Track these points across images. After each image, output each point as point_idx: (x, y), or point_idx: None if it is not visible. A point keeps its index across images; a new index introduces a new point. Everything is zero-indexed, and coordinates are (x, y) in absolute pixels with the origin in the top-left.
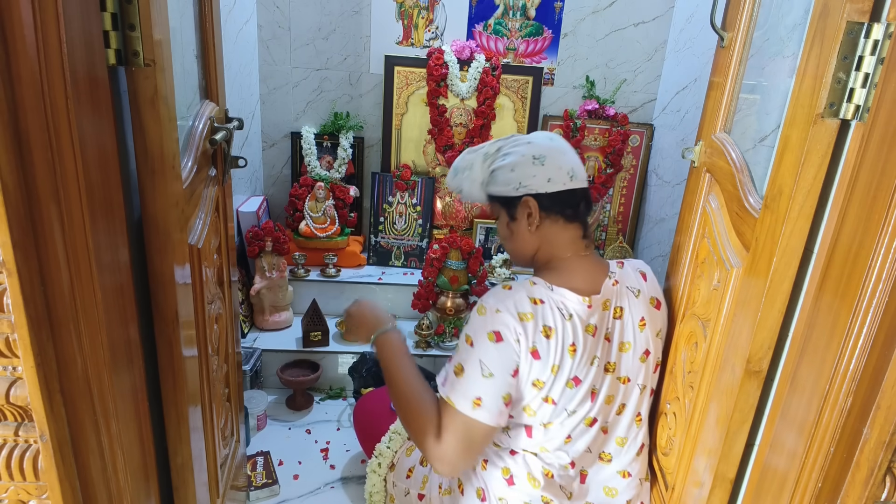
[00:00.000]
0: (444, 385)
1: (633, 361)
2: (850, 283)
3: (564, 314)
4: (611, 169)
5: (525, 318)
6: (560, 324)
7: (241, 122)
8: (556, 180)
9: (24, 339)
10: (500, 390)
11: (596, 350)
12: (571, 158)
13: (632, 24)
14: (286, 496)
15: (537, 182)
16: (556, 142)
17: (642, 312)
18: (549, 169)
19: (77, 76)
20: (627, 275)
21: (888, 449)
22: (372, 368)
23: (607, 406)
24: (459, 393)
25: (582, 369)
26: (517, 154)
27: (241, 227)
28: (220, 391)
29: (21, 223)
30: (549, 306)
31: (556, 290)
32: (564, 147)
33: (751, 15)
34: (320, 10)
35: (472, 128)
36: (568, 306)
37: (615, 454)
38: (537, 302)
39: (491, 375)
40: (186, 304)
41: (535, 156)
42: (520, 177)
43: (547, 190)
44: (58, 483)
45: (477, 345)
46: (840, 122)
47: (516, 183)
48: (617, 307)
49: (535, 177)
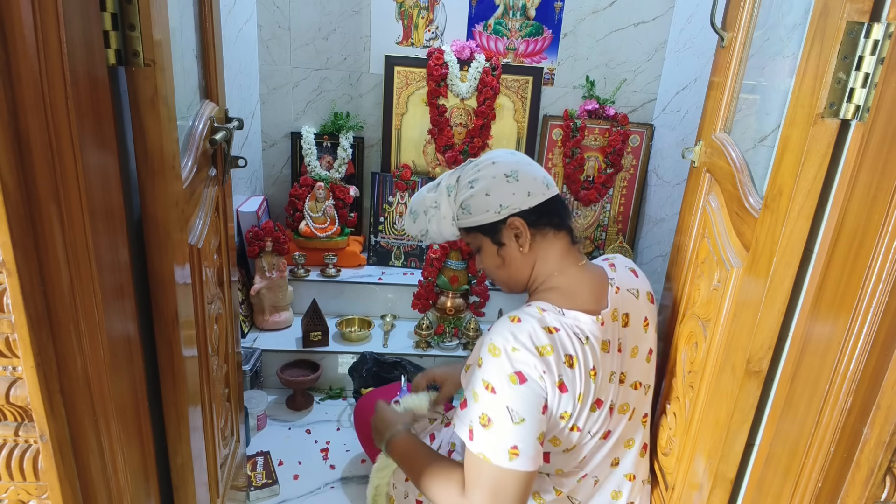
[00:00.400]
0: (473, 440)
1: (641, 364)
2: (851, 283)
3: (581, 338)
4: (611, 169)
5: (545, 352)
6: (579, 350)
7: (241, 122)
8: (536, 192)
9: (24, 339)
10: (534, 433)
11: (612, 365)
12: (538, 168)
13: (632, 24)
14: (286, 496)
15: (518, 199)
16: (516, 156)
17: (644, 313)
18: (524, 183)
19: (77, 76)
20: (623, 277)
21: (888, 449)
22: (372, 368)
23: (621, 416)
24: (493, 446)
25: (603, 390)
26: (486, 177)
27: (241, 227)
28: (220, 391)
29: (21, 223)
30: (564, 333)
31: (567, 313)
32: (527, 159)
33: (751, 15)
34: (320, 10)
35: (472, 128)
36: (583, 329)
37: (622, 457)
38: (552, 331)
39: (522, 421)
40: (186, 304)
41: (507, 174)
42: (499, 199)
43: (530, 204)
44: (58, 483)
45: (500, 391)
46: (840, 122)
47: (496, 206)
48: (623, 315)
49: (515, 194)
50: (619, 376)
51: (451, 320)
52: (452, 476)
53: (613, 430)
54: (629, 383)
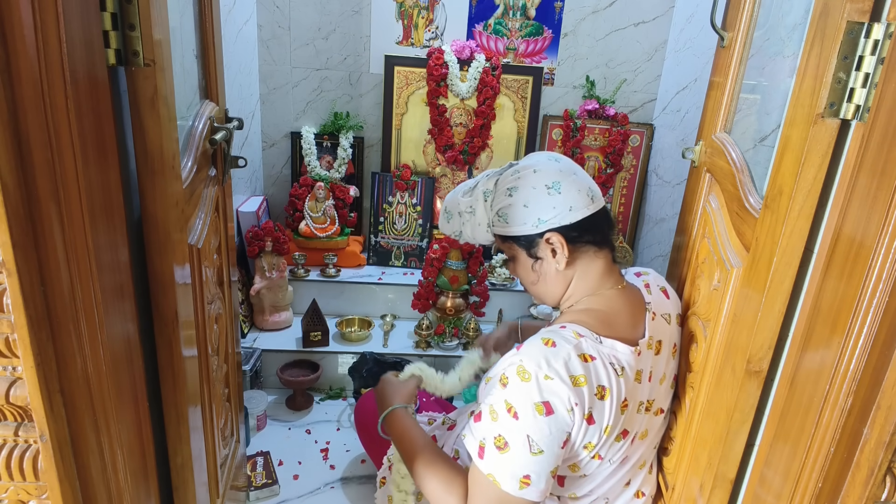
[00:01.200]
0: (484, 459)
1: (665, 390)
2: (851, 283)
3: (617, 369)
4: (611, 169)
5: (579, 383)
6: (614, 381)
7: (241, 122)
8: (578, 206)
9: (24, 339)
10: (549, 466)
11: (642, 395)
12: (584, 177)
13: (632, 24)
14: (286, 496)
15: (559, 214)
16: (562, 163)
17: (674, 339)
18: (567, 196)
19: (77, 76)
20: (657, 300)
21: (888, 449)
22: (372, 368)
23: (641, 441)
24: (505, 471)
25: (630, 421)
26: (526, 186)
27: (241, 227)
28: (220, 391)
29: (21, 223)
30: (600, 362)
31: (605, 342)
32: (573, 167)
33: (751, 15)
34: (320, 10)
35: (472, 128)
36: (620, 360)
37: (634, 477)
38: (588, 359)
39: (541, 452)
40: (186, 304)
41: (548, 185)
42: (537, 212)
43: (571, 220)
44: (58, 483)
45: (523, 418)
46: (840, 122)
47: (534, 219)
48: (657, 342)
49: (555, 208)
50: (646, 405)
51: (452, 320)
52: (455, 482)
53: (631, 455)
54: (653, 410)
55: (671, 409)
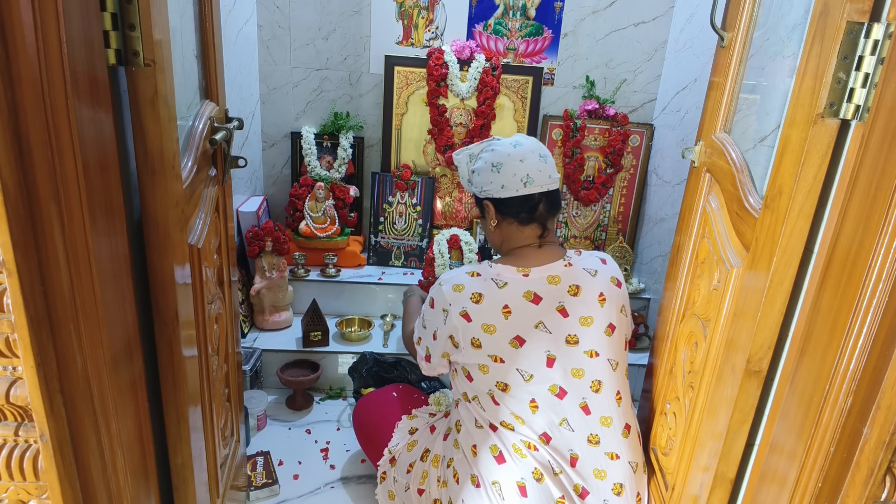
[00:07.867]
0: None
1: (598, 335)
2: (850, 283)
3: (498, 283)
4: (611, 169)
5: (458, 289)
6: (493, 291)
7: (241, 122)
8: (510, 187)
9: (24, 339)
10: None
11: (541, 316)
12: (529, 165)
13: (632, 24)
14: (286, 496)
15: (493, 188)
16: (520, 148)
17: (601, 289)
18: (504, 176)
19: (77, 76)
20: (585, 259)
21: (888, 449)
22: (372, 368)
23: (577, 379)
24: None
25: (524, 330)
26: (483, 160)
27: (241, 227)
28: (220, 391)
29: (21, 223)
30: (483, 278)
31: (494, 266)
32: (526, 154)
33: (751, 15)
34: (320, 10)
35: (472, 128)
36: (503, 276)
37: (602, 435)
38: (475, 275)
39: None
40: (186, 304)
41: (494, 163)
42: (482, 182)
43: (500, 196)
44: (58, 483)
45: (426, 306)
46: (840, 122)
47: (479, 187)
48: (572, 285)
49: (492, 183)
50: (563, 335)
51: None
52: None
53: (571, 392)
54: (583, 349)
55: (671, 410)
